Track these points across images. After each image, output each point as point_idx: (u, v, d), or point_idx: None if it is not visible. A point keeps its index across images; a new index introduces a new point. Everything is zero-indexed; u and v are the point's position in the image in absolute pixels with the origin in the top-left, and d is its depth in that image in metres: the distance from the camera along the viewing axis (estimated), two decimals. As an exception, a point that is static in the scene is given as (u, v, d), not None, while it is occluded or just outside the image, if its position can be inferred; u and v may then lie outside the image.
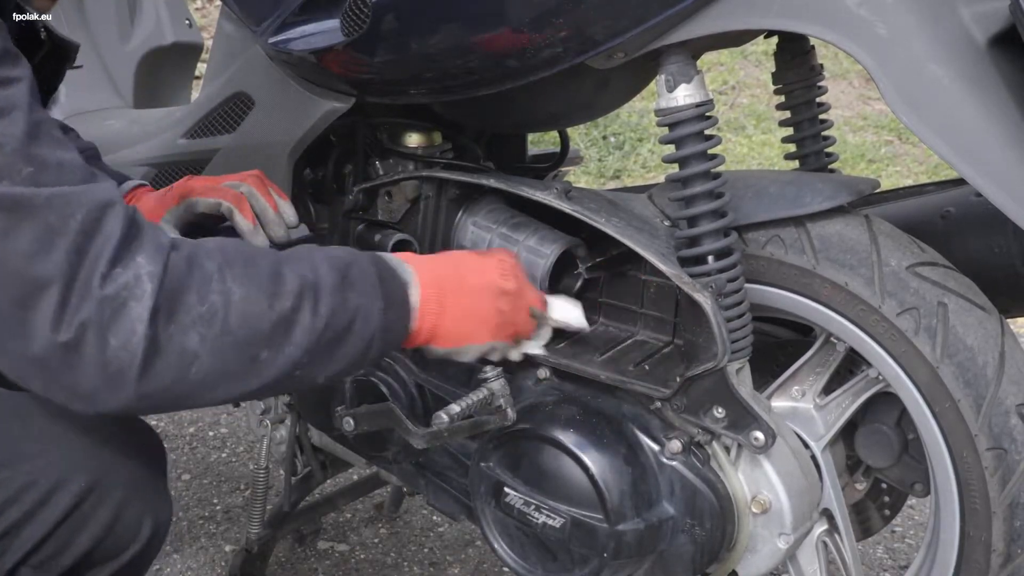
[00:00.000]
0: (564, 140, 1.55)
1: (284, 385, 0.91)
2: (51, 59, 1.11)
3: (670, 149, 1.07)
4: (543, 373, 1.21)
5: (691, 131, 1.04)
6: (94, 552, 1.01)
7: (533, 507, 1.14)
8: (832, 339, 1.14)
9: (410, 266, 1.02)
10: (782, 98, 1.31)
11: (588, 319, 1.27)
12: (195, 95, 1.86)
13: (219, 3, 1.43)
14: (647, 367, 1.15)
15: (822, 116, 1.30)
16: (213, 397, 0.88)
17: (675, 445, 1.12)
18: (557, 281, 1.23)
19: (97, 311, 0.78)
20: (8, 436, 0.99)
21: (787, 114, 1.31)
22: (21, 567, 1.00)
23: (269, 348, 0.87)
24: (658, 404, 1.13)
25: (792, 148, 1.31)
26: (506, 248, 1.21)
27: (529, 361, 1.22)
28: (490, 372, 1.15)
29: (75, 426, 1.02)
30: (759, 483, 1.12)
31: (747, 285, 1.10)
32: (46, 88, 1.18)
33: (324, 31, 1.21)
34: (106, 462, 1.01)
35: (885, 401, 1.16)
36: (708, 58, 4.53)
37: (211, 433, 2.32)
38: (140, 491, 1.03)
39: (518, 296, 1.08)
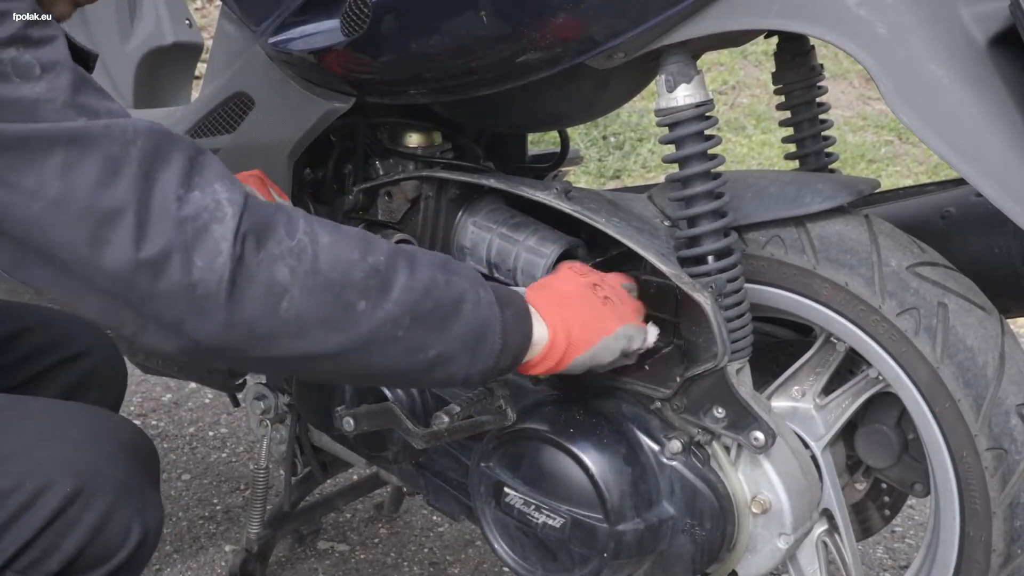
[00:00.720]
0: (564, 140, 1.55)
1: (384, 349, 0.87)
2: None
3: (670, 149, 1.07)
4: (543, 373, 1.21)
5: (691, 131, 1.04)
6: (80, 557, 0.99)
7: (533, 507, 1.14)
8: (832, 339, 1.14)
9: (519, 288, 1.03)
10: (782, 98, 1.31)
11: None
12: (195, 95, 1.85)
13: (219, 3, 1.43)
14: (647, 367, 1.15)
15: (822, 116, 1.30)
16: (307, 344, 0.83)
17: (675, 445, 1.12)
18: (557, 281, 1.23)
19: (178, 232, 0.77)
20: None
21: (787, 114, 1.31)
22: (5, 571, 0.98)
23: (365, 298, 0.84)
24: (658, 404, 1.13)
25: (792, 148, 1.31)
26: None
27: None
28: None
29: (63, 429, 1.01)
30: (759, 483, 1.12)
31: (747, 285, 1.10)
32: None
33: (324, 31, 1.21)
34: (94, 465, 0.98)
35: (885, 401, 1.16)
36: (708, 58, 4.53)
37: (211, 433, 2.32)
38: (129, 496, 1.00)
39: (606, 280, 1.08)
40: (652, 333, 1.09)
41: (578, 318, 1.01)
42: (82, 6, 1.03)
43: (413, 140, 1.34)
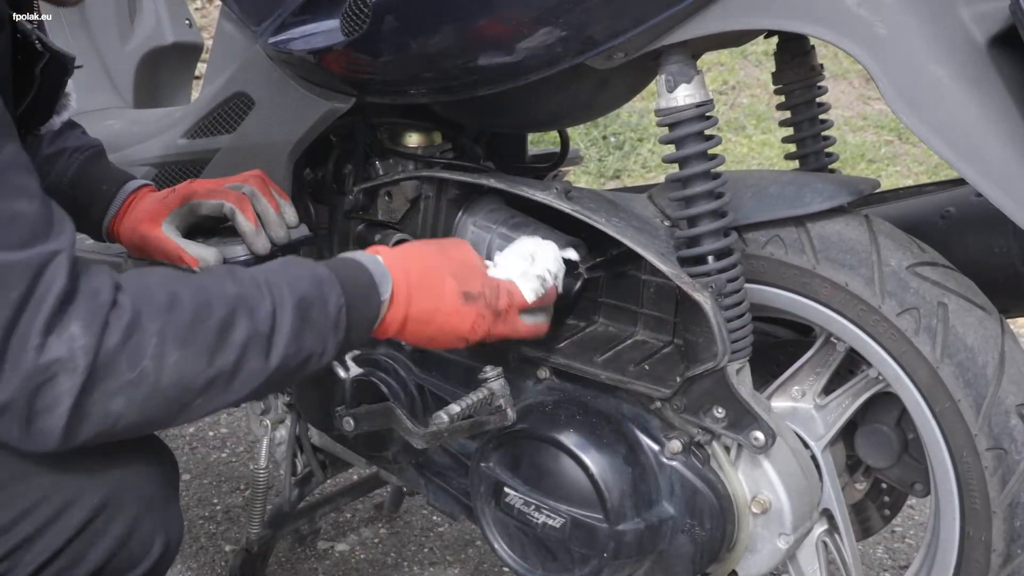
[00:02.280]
0: (564, 140, 1.55)
1: (216, 411, 0.94)
2: (52, 69, 1.11)
3: (670, 149, 1.07)
4: (543, 373, 1.21)
5: (691, 131, 1.04)
6: (105, 568, 1.01)
7: (533, 507, 1.14)
8: (832, 339, 1.14)
9: (390, 275, 1.04)
10: (782, 98, 1.31)
11: (588, 319, 1.27)
12: (195, 95, 1.86)
13: (219, 3, 1.43)
14: (647, 367, 1.15)
15: (822, 116, 1.30)
16: (142, 432, 0.90)
17: (675, 445, 1.12)
18: (557, 281, 1.23)
19: (25, 383, 0.80)
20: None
21: (787, 114, 1.31)
22: None
23: (203, 397, 0.89)
24: (658, 404, 1.13)
25: (792, 148, 1.31)
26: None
27: (529, 361, 1.22)
28: (490, 372, 1.15)
29: None
30: (759, 483, 1.12)
31: (747, 285, 1.10)
32: (50, 97, 1.18)
33: (324, 31, 1.21)
34: (119, 479, 1.01)
35: (885, 401, 1.16)
36: (708, 58, 4.53)
37: (211, 433, 2.32)
38: (153, 508, 1.03)
39: (492, 288, 1.09)
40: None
41: (426, 303, 1.04)
42: None
43: (413, 140, 1.34)
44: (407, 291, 1.03)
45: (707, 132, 1.06)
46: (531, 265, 1.12)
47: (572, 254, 1.18)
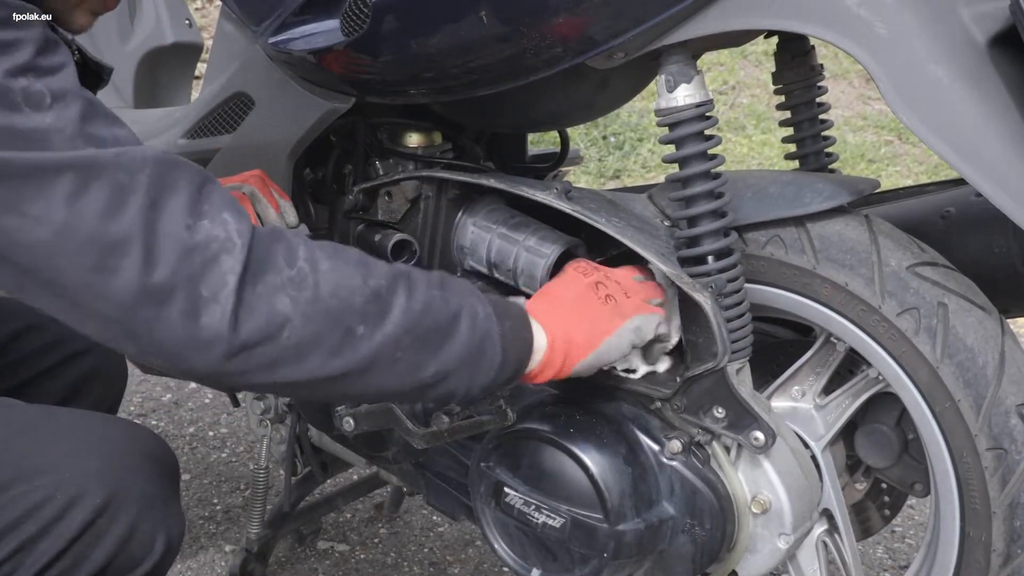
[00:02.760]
0: (564, 140, 1.55)
1: (384, 371, 0.87)
2: (85, 80, 1.11)
3: (670, 149, 1.07)
4: (543, 373, 1.21)
5: (691, 131, 1.04)
6: (108, 567, 1.01)
7: (533, 507, 1.14)
8: (832, 339, 1.14)
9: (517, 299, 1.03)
10: (782, 98, 1.31)
11: None
12: (195, 95, 1.85)
13: (219, 3, 1.43)
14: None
15: (822, 116, 1.30)
16: (307, 369, 0.84)
17: (675, 445, 1.12)
18: (557, 281, 1.23)
19: (185, 262, 0.78)
20: (24, 450, 0.99)
21: (787, 114, 1.31)
22: None
23: (365, 323, 0.85)
24: (658, 404, 1.13)
25: (792, 148, 1.31)
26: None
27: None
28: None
29: (91, 441, 1.03)
30: (759, 483, 1.12)
31: (747, 285, 1.10)
32: None
33: (324, 31, 1.21)
34: (121, 478, 1.01)
35: (885, 401, 1.16)
36: (708, 58, 4.53)
37: (211, 433, 2.32)
38: (154, 507, 1.03)
39: (609, 276, 1.07)
40: (670, 322, 1.08)
41: (577, 323, 1.01)
42: (100, 15, 1.03)
43: (413, 140, 1.34)
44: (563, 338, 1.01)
45: (707, 132, 1.06)
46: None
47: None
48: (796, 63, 1.28)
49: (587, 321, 1.01)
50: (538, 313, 1.01)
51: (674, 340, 1.10)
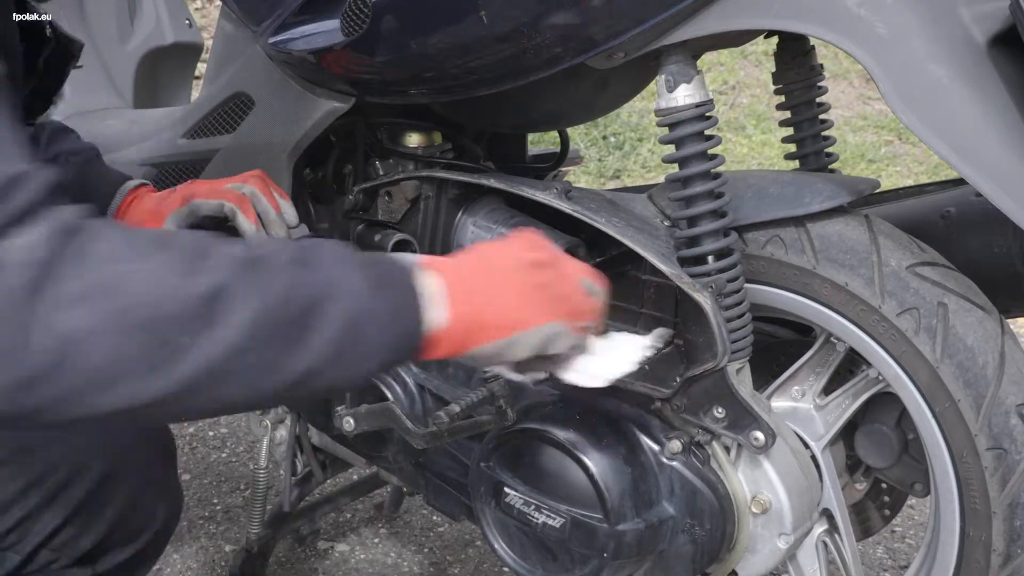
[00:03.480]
0: (564, 140, 1.55)
1: (221, 385, 0.72)
2: (56, 58, 1.11)
3: (670, 149, 1.07)
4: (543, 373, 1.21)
5: (691, 131, 1.04)
6: (110, 537, 1.03)
7: (533, 507, 1.14)
8: (832, 339, 1.14)
9: (413, 255, 0.91)
10: (782, 98, 1.31)
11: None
12: (195, 95, 1.86)
13: (219, 3, 1.43)
14: (647, 367, 1.15)
15: (822, 116, 1.30)
16: (122, 396, 0.68)
17: (675, 445, 1.12)
18: (557, 281, 1.23)
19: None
20: None
21: (787, 114, 1.31)
22: (41, 550, 1.02)
23: (188, 331, 0.69)
24: (658, 404, 1.13)
25: (792, 148, 1.31)
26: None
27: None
28: (490, 372, 1.15)
29: None
30: (759, 483, 1.12)
31: (747, 285, 1.10)
32: (51, 87, 1.18)
33: (324, 31, 1.21)
34: (121, 451, 1.02)
35: (885, 401, 1.16)
36: (708, 58, 4.53)
37: (211, 433, 2.32)
38: (153, 478, 1.05)
39: (557, 265, 0.91)
40: (585, 355, 0.94)
41: (494, 301, 0.85)
42: None
43: (413, 140, 1.34)
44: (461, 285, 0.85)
45: (707, 132, 1.06)
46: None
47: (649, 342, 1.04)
48: (796, 63, 1.28)
49: (507, 303, 0.86)
50: (450, 276, 0.84)
51: (571, 377, 0.95)
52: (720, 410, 1.09)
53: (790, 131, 1.31)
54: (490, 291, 0.86)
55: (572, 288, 0.92)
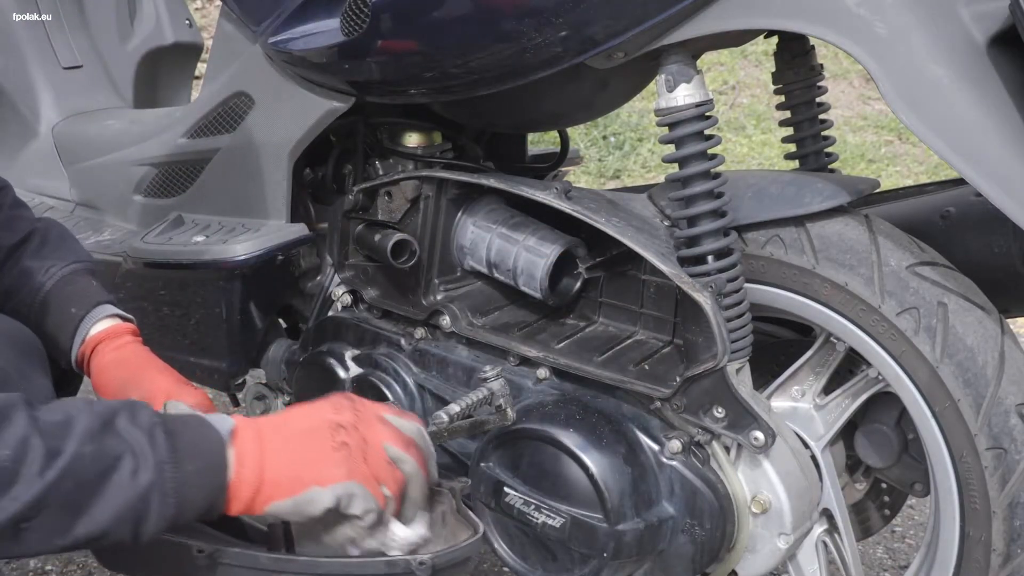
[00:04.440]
0: (564, 140, 1.55)
1: (10, 543, 0.80)
2: None
3: (670, 149, 1.07)
4: (543, 373, 1.21)
5: (691, 131, 1.04)
6: None
7: (533, 507, 1.14)
8: (832, 339, 1.14)
9: (231, 419, 0.91)
10: (782, 98, 1.31)
11: (588, 319, 1.26)
12: (195, 95, 1.86)
13: (219, 3, 1.43)
14: (647, 367, 1.15)
15: (822, 116, 1.30)
16: None
17: (675, 445, 1.12)
18: (557, 281, 1.23)
19: None
20: None
21: (787, 114, 1.31)
22: None
23: None
24: (658, 404, 1.13)
25: (792, 148, 1.31)
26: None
27: (529, 361, 1.22)
28: (490, 372, 1.15)
29: None
30: (759, 483, 1.12)
31: (747, 285, 1.10)
32: None
33: (324, 31, 1.21)
34: None
35: (885, 401, 1.16)
36: (708, 58, 4.53)
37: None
38: (9, 381, 1.00)
39: (360, 427, 0.93)
40: (416, 521, 0.94)
41: (290, 460, 0.89)
42: None
43: (413, 140, 1.34)
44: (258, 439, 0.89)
45: (707, 132, 1.06)
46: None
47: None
48: (796, 63, 1.28)
49: (302, 462, 0.89)
50: (248, 441, 0.89)
51: (383, 540, 0.93)
52: (720, 410, 1.09)
53: (790, 131, 1.31)
54: (287, 453, 0.89)
55: (373, 452, 0.93)
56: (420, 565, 0.91)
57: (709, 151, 1.06)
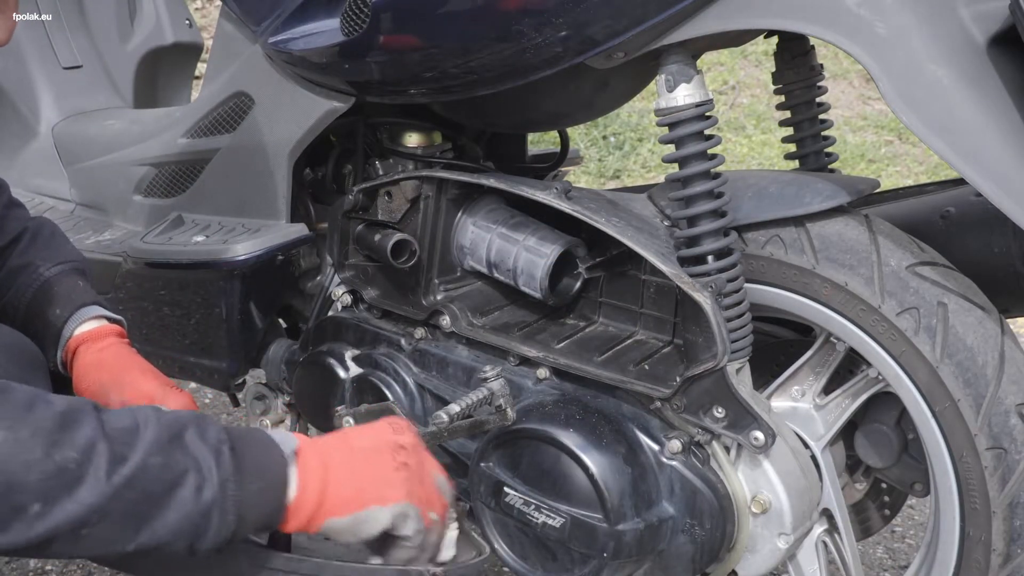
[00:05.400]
0: (564, 140, 1.55)
1: (69, 545, 0.79)
2: None
3: (670, 149, 1.07)
4: (543, 373, 1.21)
5: (691, 131, 1.04)
6: None
7: (533, 507, 1.14)
8: (832, 339, 1.14)
9: (295, 437, 0.92)
10: (782, 98, 1.31)
11: (588, 319, 1.27)
12: (195, 95, 1.86)
13: (219, 3, 1.43)
14: (647, 367, 1.15)
15: (822, 116, 1.30)
16: None
17: (675, 445, 1.12)
18: (557, 281, 1.23)
19: None
20: None
21: (787, 114, 1.31)
22: None
23: (42, 500, 0.76)
24: (658, 404, 1.13)
25: (792, 148, 1.31)
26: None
27: (529, 361, 1.22)
28: (490, 372, 1.15)
29: None
30: (759, 483, 1.12)
31: (747, 285, 1.10)
32: None
33: (324, 31, 1.21)
34: None
35: (885, 401, 1.16)
36: (708, 58, 4.53)
37: (211, 433, 2.31)
38: None
39: (418, 453, 0.97)
40: (446, 544, 0.97)
41: (350, 477, 0.91)
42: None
43: (413, 140, 1.34)
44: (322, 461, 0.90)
45: (707, 132, 1.06)
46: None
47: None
48: (796, 63, 1.28)
49: (365, 480, 0.91)
50: (312, 461, 0.90)
51: (409, 556, 0.95)
52: (720, 410, 1.09)
53: (790, 131, 1.31)
54: (348, 467, 0.91)
55: (428, 477, 0.97)
56: None
57: (709, 151, 1.06)
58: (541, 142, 2.30)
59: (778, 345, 1.26)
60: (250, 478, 0.85)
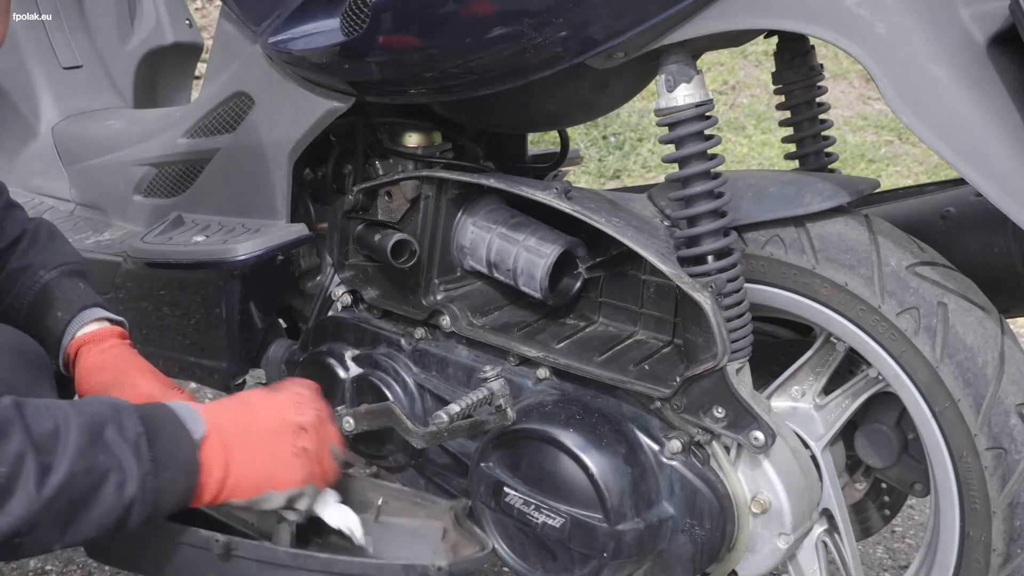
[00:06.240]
0: (564, 140, 1.55)
1: (3, 553, 0.83)
2: None
3: (670, 149, 1.07)
4: (543, 373, 1.21)
5: (691, 131, 1.04)
6: None
7: (533, 507, 1.14)
8: (832, 339, 1.14)
9: (203, 417, 0.95)
10: (782, 98, 1.31)
11: (588, 319, 1.27)
12: (195, 95, 1.85)
13: (219, 3, 1.43)
14: (647, 367, 1.15)
15: (822, 116, 1.30)
16: None
17: (675, 445, 1.12)
18: (557, 281, 1.23)
19: None
20: None
21: (787, 114, 1.31)
22: None
23: None
24: (658, 404, 1.13)
25: (792, 148, 1.31)
26: (303, 385, 1.08)
27: (529, 361, 1.22)
28: (490, 372, 1.15)
29: None
30: (759, 483, 1.12)
31: (747, 285, 1.10)
32: None
33: (324, 31, 1.21)
34: None
35: (885, 401, 1.16)
36: (708, 58, 4.53)
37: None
38: (15, 392, 1.00)
39: (319, 431, 1.00)
40: (342, 517, 1.03)
41: (255, 463, 0.95)
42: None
43: (413, 140, 1.34)
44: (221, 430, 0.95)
45: (707, 132, 1.06)
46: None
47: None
48: (796, 63, 1.28)
49: (264, 468, 0.96)
50: (216, 445, 0.94)
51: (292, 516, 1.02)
52: (720, 410, 1.09)
53: (790, 131, 1.31)
54: (249, 454, 0.95)
55: (325, 452, 1.02)
56: (438, 570, 0.95)
57: (709, 151, 1.06)
58: (541, 142, 2.29)
59: (778, 345, 1.26)
60: (164, 467, 0.90)
